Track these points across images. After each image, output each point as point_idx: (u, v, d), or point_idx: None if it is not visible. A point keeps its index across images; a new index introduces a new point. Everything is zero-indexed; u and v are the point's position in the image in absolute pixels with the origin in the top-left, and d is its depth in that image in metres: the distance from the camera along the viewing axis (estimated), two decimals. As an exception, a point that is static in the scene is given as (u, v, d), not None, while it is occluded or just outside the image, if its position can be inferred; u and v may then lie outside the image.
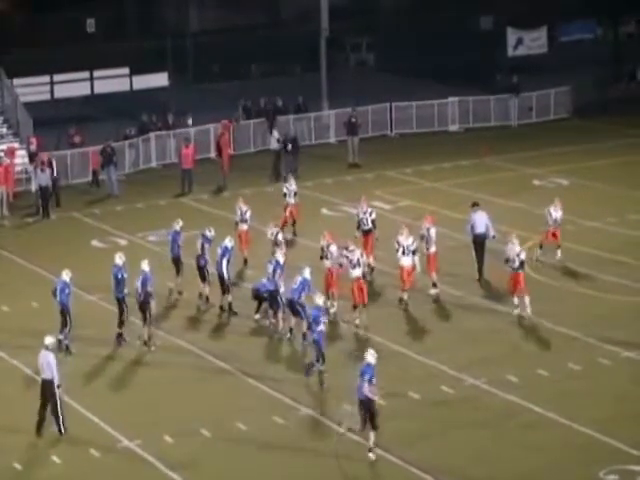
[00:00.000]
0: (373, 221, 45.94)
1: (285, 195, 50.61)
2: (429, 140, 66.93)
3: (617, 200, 53.79)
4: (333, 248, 41.67)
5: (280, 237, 44.33)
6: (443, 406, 34.89)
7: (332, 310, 41.25)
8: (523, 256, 40.36)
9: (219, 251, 42.20)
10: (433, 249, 43.38)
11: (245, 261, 45.76)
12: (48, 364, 33.49)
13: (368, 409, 31.46)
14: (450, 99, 69.96)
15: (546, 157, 61.94)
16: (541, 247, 46.69)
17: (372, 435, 31.48)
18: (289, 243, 47.29)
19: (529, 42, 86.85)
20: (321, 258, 42.03)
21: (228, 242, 42.45)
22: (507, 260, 40.69)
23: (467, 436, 32.91)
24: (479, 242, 45.71)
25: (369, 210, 46.21)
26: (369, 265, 44.65)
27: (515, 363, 37.30)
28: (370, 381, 31.32)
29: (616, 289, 42.48)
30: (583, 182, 57.41)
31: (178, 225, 44.38)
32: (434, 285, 43.16)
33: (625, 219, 50.62)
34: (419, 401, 35.02)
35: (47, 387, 33.57)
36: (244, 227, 47.02)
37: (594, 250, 46.94)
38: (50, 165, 57.49)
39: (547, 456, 31.20)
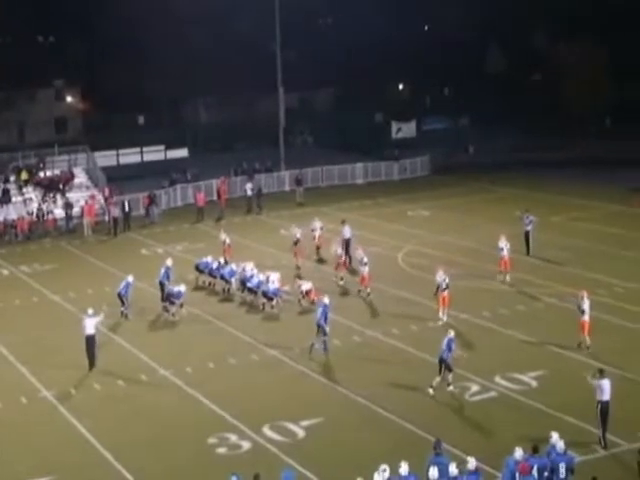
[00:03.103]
0: (299, 238, 45.61)
1: (313, 230, 47.73)
2: (345, 189, 66.73)
3: (458, 223, 53.97)
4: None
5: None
6: (356, 349, 34.98)
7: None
8: (447, 280, 37.09)
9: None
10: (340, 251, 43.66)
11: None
12: (90, 325, 33.57)
13: None
14: (357, 164, 69.83)
15: (415, 198, 61.83)
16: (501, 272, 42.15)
17: None
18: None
19: (405, 129, 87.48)
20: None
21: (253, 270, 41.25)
22: (438, 287, 37.06)
23: (374, 366, 32.99)
24: (346, 243, 45.86)
25: (297, 231, 46.08)
26: (297, 266, 44.85)
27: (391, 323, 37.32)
28: None
29: (461, 277, 42.24)
30: (438, 213, 57.45)
31: (169, 262, 40.96)
32: (341, 278, 42.67)
33: (464, 235, 50.80)
34: (341, 345, 34.94)
35: (90, 340, 33.56)
36: (227, 246, 45.85)
37: (445, 254, 47.07)
38: (122, 204, 57.32)
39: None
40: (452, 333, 30.60)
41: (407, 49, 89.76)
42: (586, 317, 33.09)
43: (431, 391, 29.89)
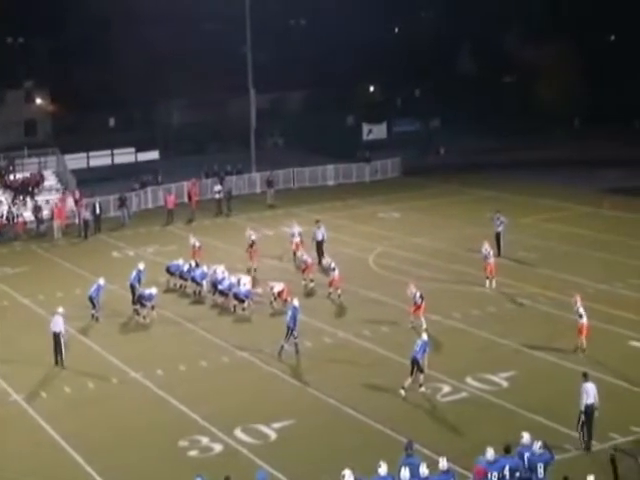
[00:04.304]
0: (253, 240, 45.66)
1: (292, 235, 47.45)
2: (316, 190, 66.76)
3: (429, 224, 54.12)
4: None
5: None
6: (328, 350, 34.90)
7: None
8: (419, 294, 36.32)
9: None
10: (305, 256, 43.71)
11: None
12: (58, 323, 33.95)
13: None
14: (329, 166, 69.84)
15: (386, 200, 61.87)
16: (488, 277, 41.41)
17: None
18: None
19: (376, 131, 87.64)
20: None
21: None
22: (415, 303, 36.28)
23: (345, 367, 33.01)
24: (319, 244, 46.51)
25: (252, 234, 46.06)
26: (254, 269, 44.67)
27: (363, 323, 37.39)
28: None
29: (432, 279, 42.66)
30: (409, 214, 57.54)
31: (142, 266, 40.92)
32: (312, 280, 42.44)
33: (435, 236, 50.94)
34: (311, 347, 34.96)
35: (57, 337, 33.80)
36: (197, 249, 45.83)
37: (416, 255, 47.24)
38: (94, 206, 57.16)
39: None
40: (426, 336, 30.67)
41: (378, 51, 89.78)
42: (584, 320, 32.97)
43: (402, 392, 29.89)
